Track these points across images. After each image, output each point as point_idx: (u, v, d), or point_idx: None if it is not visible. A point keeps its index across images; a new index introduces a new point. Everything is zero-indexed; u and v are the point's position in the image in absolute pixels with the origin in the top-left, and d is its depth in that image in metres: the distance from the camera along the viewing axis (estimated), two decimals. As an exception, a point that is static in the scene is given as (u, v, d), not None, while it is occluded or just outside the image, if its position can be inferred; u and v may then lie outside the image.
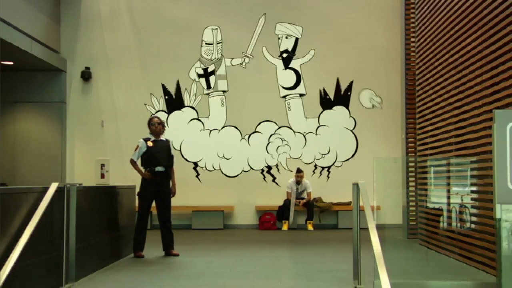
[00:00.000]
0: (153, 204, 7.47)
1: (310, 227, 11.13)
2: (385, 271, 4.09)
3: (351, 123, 11.91)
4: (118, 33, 12.01)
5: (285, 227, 11.15)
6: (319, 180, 11.80)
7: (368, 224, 4.59)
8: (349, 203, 11.07)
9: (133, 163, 7.46)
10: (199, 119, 11.89)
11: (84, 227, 5.74)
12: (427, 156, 8.61)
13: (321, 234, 10.53)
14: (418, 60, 9.22)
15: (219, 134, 11.89)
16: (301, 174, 11.36)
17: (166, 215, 7.42)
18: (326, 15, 11.99)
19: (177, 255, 7.34)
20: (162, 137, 7.54)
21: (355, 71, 11.91)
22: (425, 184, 8.68)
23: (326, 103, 11.93)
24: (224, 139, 11.87)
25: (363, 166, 10.88)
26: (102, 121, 11.87)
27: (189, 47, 11.95)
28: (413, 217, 9.34)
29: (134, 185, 7.96)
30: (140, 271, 6.32)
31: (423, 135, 8.88)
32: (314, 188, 11.59)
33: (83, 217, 5.70)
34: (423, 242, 8.36)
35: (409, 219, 9.40)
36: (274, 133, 11.89)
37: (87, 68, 11.89)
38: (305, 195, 11.42)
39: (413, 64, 9.70)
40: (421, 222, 8.71)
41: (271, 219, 11.36)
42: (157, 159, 7.35)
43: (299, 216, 11.54)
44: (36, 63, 10.89)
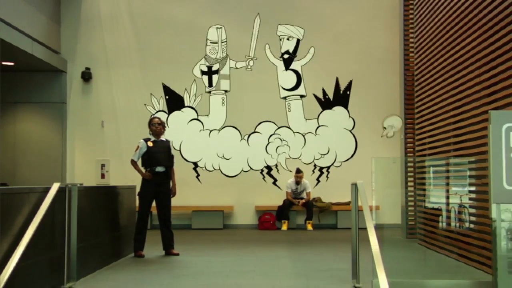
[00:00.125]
0: (154, 204, 7.52)
1: (309, 227, 11.17)
2: (383, 270, 4.13)
3: (350, 123, 11.95)
4: (118, 33, 12.04)
5: (285, 227, 11.19)
6: (319, 180, 11.86)
7: (366, 224, 4.64)
8: (348, 203, 11.10)
9: (133, 163, 7.50)
10: (199, 120, 11.93)
11: (85, 227, 5.78)
12: (425, 156, 8.65)
13: (320, 234, 10.57)
14: (416, 61, 9.26)
15: (219, 134, 11.93)
16: (300, 174, 11.41)
17: (166, 215, 7.46)
18: (326, 16, 12.03)
19: (177, 255, 7.38)
20: (162, 138, 7.58)
21: (354, 72, 11.94)
22: (424, 184, 8.72)
23: (325, 104, 11.97)
24: (223, 139, 11.91)
25: (362, 166, 10.92)
26: (102, 122, 11.91)
27: (189, 48, 11.99)
28: (411, 217, 9.39)
29: (134, 185, 8.00)
30: (140, 270, 6.37)
31: (421, 136, 8.93)
32: (313, 188, 11.65)
33: (84, 217, 5.74)
34: (422, 241, 8.41)
35: (408, 219, 9.44)
36: (273, 134, 11.93)
37: (87, 68, 11.93)
38: (304, 195, 11.47)
39: (411, 65, 9.73)
40: (419, 222, 8.76)
41: (270, 219, 11.40)
42: (158, 159, 7.40)
43: (298, 216, 11.59)
44: (36, 63, 10.92)
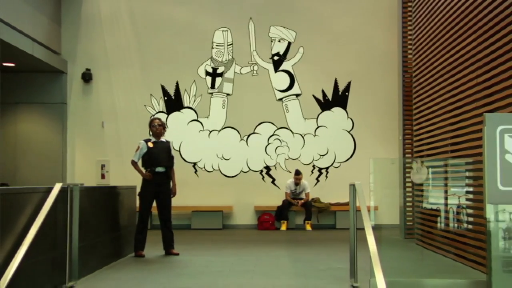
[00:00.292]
0: (154, 204, 7.58)
1: (308, 227, 11.23)
2: (380, 269, 4.19)
3: (349, 124, 12.01)
4: (118, 34, 12.10)
5: (284, 227, 11.25)
6: (318, 180, 11.92)
7: (364, 224, 4.69)
8: (347, 204, 11.13)
9: (134, 163, 7.55)
10: (199, 120, 11.99)
11: (86, 227, 5.83)
12: (423, 157, 8.71)
13: (319, 234, 10.63)
14: (415, 62, 9.32)
15: (218, 135, 11.98)
16: (299, 176, 11.45)
17: (166, 215, 7.51)
18: (325, 17, 12.08)
19: (177, 254, 7.43)
20: (162, 138, 7.64)
21: (353, 73, 12.01)
22: (421, 185, 8.77)
23: (324, 105, 12.03)
24: (223, 140, 11.96)
25: (361, 167, 10.94)
26: (102, 122, 11.96)
27: (189, 48, 12.05)
28: (410, 217, 9.45)
29: (135, 186, 8.06)
30: (141, 270, 6.43)
31: (419, 137, 8.99)
32: (312, 188, 11.70)
33: (85, 217, 5.79)
34: (420, 242, 8.48)
35: (406, 219, 9.51)
36: (272, 134, 11.99)
37: (87, 69, 11.98)
38: (303, 195, 11.53)
39: (410, 66, 9.78)
40: (417, 222, 8.81)
41: (269, 219, 11.45)
42: (158, 159, 7.45)
43: (297, 216, 11.65)
44: (37, 64, 10.98)
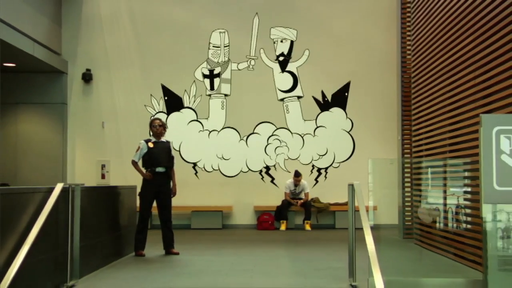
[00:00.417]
0: (154, 204, 7.62)
1: (307, 227, 11.27)
2: (378, 269, 4.23)
3: (348, 124, 12.05)
4: (118, 35, 12.14)
5: (283, 227, 11.28)
6: (317, 180, 11.96)
7: (362, 224, 4.74)
8: (346, 204, 11.14)
9: (134, 164, 7.59)
10: (199, 120, 12.03)
11: (87, 227, 5.87)
12: (422, 157, 8.75)
13: (318, 234, 10.66)
14: (414, 63, 9.36)
15: (218, 135, 12.02)
16: (299, 178, 11.48)
17: (166, 215, 7.54)
18: (324, 18, 12.12)
19: (177, 254, 7.47)
20: (162, 138, 7.68)
21: (352, 74, 12.04)
22: (420, 185, 8.82)
23: (324, 105, 12.07)
24: (223, 140, 12.00)
25: (360, 167, 10.95)
26: (102, 122, 12.00)
27: (189, 49, 12.08)
28: (408, 217, 9.49)
29: (135, 186, 8.10)
30: (141, 269, 6.47)
31: (418, 137, 9.03)
32: (311, 188, 11.74)
33: (86, 217, 5.83)
34: (418, 241, 8.52)
35: (404, 219, 9.54)
36: (272, 135, 12.03)
37: (88, 69, 12.01)
38: (302, 195, 11.57)
39: (409, 66, 9.81)
40: (416, 222, 8.85)
41: (269, 219, 11.48)
42: (158, 159, 7.49)
43: (297, 216, 11.69)
44: (37, 64, 11.01)
